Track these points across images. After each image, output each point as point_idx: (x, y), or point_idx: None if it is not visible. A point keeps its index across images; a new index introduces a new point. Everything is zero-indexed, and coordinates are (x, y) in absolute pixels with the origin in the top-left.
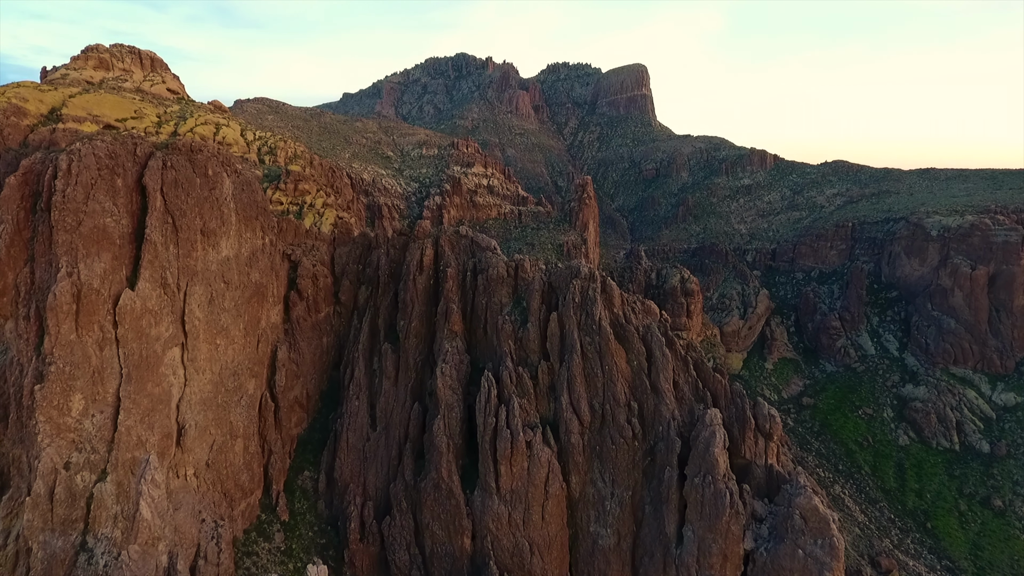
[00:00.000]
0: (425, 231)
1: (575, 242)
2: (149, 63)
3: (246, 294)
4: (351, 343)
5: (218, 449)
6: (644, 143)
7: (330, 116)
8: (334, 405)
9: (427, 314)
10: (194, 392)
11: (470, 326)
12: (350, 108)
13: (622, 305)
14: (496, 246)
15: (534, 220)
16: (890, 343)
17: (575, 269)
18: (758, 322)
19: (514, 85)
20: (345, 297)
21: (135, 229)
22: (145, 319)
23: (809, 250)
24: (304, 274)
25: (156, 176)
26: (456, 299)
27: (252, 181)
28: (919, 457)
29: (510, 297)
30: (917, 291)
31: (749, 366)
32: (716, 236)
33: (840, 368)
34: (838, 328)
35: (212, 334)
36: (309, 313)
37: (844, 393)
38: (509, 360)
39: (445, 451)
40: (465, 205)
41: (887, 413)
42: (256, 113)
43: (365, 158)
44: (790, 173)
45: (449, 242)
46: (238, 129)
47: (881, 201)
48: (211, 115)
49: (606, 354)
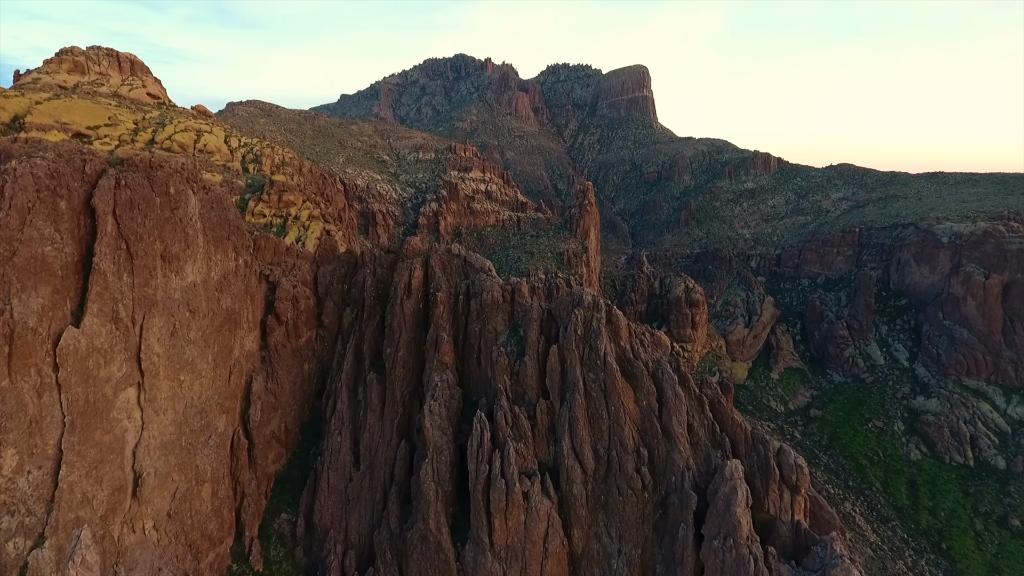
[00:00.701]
0: (414, 249)
1: (576, 250)
2: (128, 66)
3: (216, 322)
4: (334, 371)
5: (182, 497)
6: (645, 145)
7: (324, 119)
8: (316, 438)
9: (416, 341)
10: (153, 436)
11: (462, 355)
12: (347, 110)
13: (629, 338)
14: (491, 267)
15: (533, 227)
16: (900, 353)
17: (577, 297)
18: (763, 330)
19: (513, 86)
20: (329, 320)
21: (82, 257)
22: (92, 359)
23: (815, 256)
24: (283, 296)
25: (107, 197)
26: (447, 326)
27: (223, 198)
28: (932, 473)
29: (506, 324)
30: (927, 299)
31: (754, 376)
32: (719, 241)
33: (848, 378)
34: (846, 337)
35: (175, 369)
36: (289, 339)
37: (853, 405)
38: (504, 398)
39: (433, 500)
40: (462, 212)
41: (898, 426)
42: (248, 116)
43: (360, 162)
44: (794, 177)
45: (440, 262)
46: (222, 136)
47: (888, 206)
48: (193, 121)
49: (612, 393)
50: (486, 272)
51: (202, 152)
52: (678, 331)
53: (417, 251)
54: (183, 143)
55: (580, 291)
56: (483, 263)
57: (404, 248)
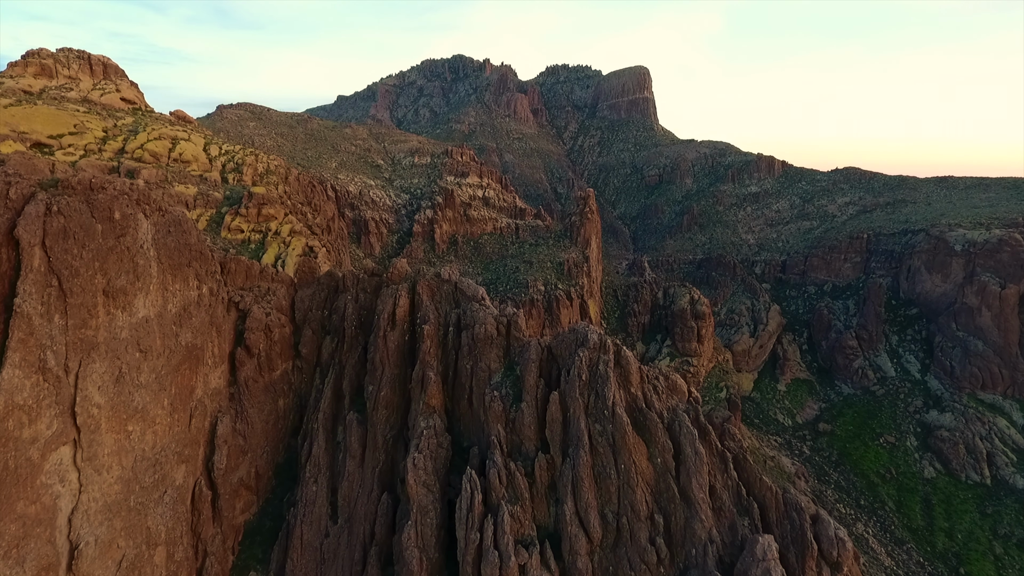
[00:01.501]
0: (400, 273)
1: (576, 260)
2: (101, 69)
3: (173, 360)
4: (311, 409)
5: (130, 565)
6: (646, 148)
7: (317, 122)
8: (291, 483)
9: (400, 378)
10: (94, 499)
11: (452, 393)
12: (344, 111)
13: (641, 384)
14: (484, 295)
15: (532, 235)
16: (911, 364)
17: (581, 335)
18: (769, 340)
19: (512, 88)
20: (307, 350)
21: (4, 298)
22: (13, 418)
23: (822, 262)
24: (254, 326)
25: (34, 226)
26: (435, 363)
27: (182, 220)
28: (947, 492)
29: (500, 361)
30: (940, 309)
31: (760, 387)
32: (723, 246)
33: (858, 391)
34: (855, 347)
35: (120, 420)
36: (261, 373)
37: (863, 419)
38: (498, 452)
39: (417, 568)
40: (458, 219)
41: (910, 442)
42: (237, 120)
43: (353, 167)
44: (799, 180)
45: (428, 289)
46: (201, 143)
47: (897, 211)
48: (168, 128)
49: (621, 449)
50: (479, 301)
51: (177, 162)
52: (683, 344)
53: (403, 275)
54: (156, 152)
55: (584, 328)
56: (475, 291)
57: (389, 271)
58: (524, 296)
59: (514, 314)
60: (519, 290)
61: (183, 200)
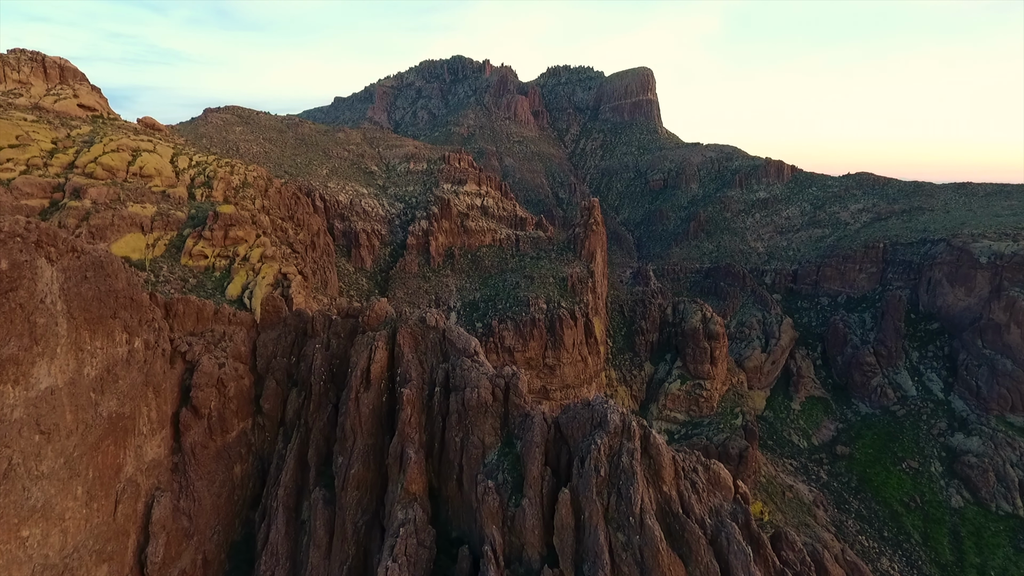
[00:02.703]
0: (378, 316)
1: (580, 275)
2: (57, 73)
3: (91, 437)
4: (271, 481)
5: None
6: (650, 151)
7: (309, 126)
8: (248, 566)
9: (376, 450)
10: None
11: (438, 470)
12: (341, 113)
13: (676, 480)
14: (477, 348)
15: (534, 247)
16: (933, 383)
17: (599, 413)
18: (782, 355)
19: (512, 89)
20: (270, 405)
21: None
22: None
23: (835, 272)
24: (204, 381)
25: None
26: (417, 436)
27: (105, 261)
28: (977, 523)
29: (497, 434)
30: (963, 324)
31: (773, 406)
32: (731, 255)
33: (877, 410)
34: (873, 364)
35: (10, 526)
36: (212, 436)
37: (884, 441)
38: (493, 566)
39: None
40: (455, 231)
41: (935, 467)
42: (222, 125)
43: (345, 174)
44: (809, 186)
45: (410, 338)
46: (168, 154)
47: (913, 219)
48: (130, 138)
49: (652, 570)
50: (471, 356)
51: (137, 176)
52: (695, 366)
53: (382, 318)
54: (112, 166)
55: (602, 405)
56: (467, 342)
57: (365, 314)
58: (525, 315)
59: (514, 375)
60: (519, 308)
61: (137, 222)
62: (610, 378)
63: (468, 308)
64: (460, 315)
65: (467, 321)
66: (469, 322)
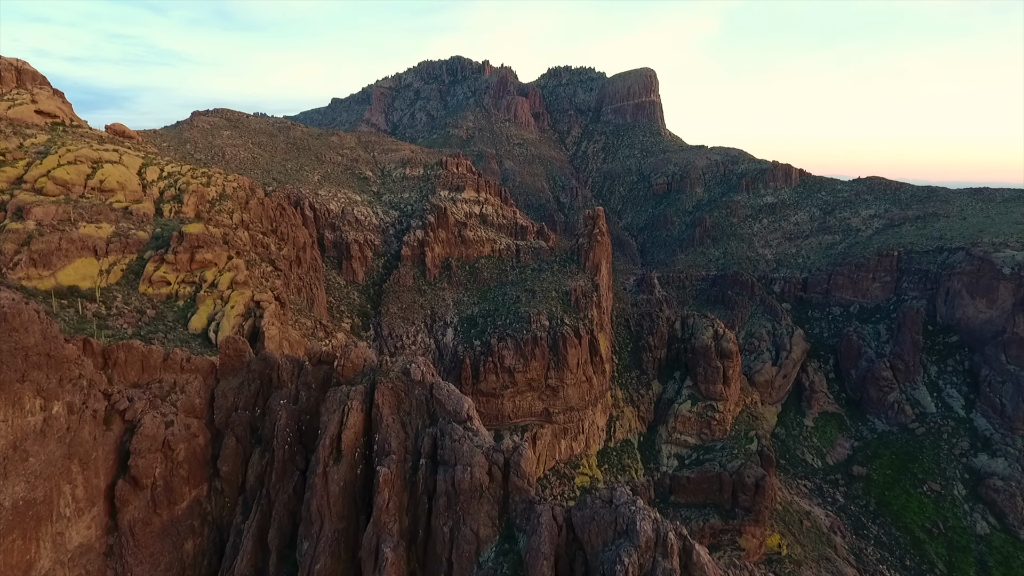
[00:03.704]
0: (355, 366)
1: (585, 288)
2: (13, 75)
3: None
4: (227, 563)
5: None
6: (654, 154)
7: (302, 129)
8: None
9: (347, 537)
10: None
11: (423, 562)
12: (338, 114)
13: None
14: (471, 410)
15: (535, 258)
16: (953, 399)
17: (625, 517)
18: (793, 369)
19: (512, 91)
20: (229, 467)
21: None
22: None
23: (847, 281)
24: (145, 446)
25: None
26: (396, 526)
27: (12, 313)
28: (1005, 552)
29: (494, 525)
30: (984, 338)
31: (785, 422)
32: (738, 262)
33: (894, 428)
34: (889, 379)
35: None
36: (156, 510)
37: (902, 462)
38: None
39: None
40: (452, 241)
41: (958, 490)
42: (209, 129)
43: (338, 180)
44: (818, 190)
45: (391, 397)
46: (136, 164)
47: (928, 226)
48: (92, 148)
49: None
50: (463, 421)
51: (96, 191)
52: (707, 387)
53: (359, 368)
54: (67, 180)
55: (628, 504)
56: (458, 403)
57: (339, 361)
58: (526, 332)
59: (515, 450)
60: (520, 325)
61: (89, 245)
62: (616, 398)
63: (466, 324)
64: (457, 331)
65: (465, 338)
66: (467, 339)
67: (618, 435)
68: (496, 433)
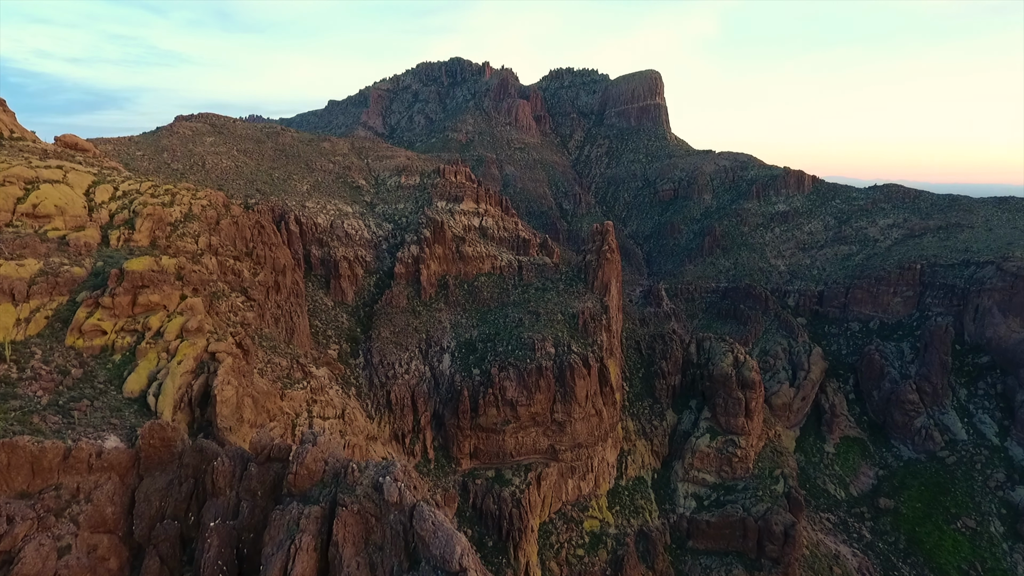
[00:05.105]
0: (311, 474)
1: (593, 311)
2: None
3: None
4: None
5: None
6: (659, 159)
7: (292, 135)
8: None
9: None
10: None
11: None
12: (335, 117)
13: None
14: (465, 554)
15: (539, 276)
16: (986, 426)
17: None
18: (812, 390)
19: (513, 93)
20: None
21: None
22: None
23: (866, 295)
24: None
25: None
26: None
27: None
28: None
29: None
30: (1019, 359)
31: (803, 448)
32: (750, 273)
33: (922, 455)
34: (916, 402)
35: None
36: None
37: (933, 494)
38: None
39: None
40: (450, 257)
41: (995, 527)
42: (191, 135)
43: (328, 190)
44: (833, 198)
45: (357, 525)
46: (84, 184)
47: (951, 237)
48: (29, 166)
49: None
50: (454, 572)
51: (29, 217)
52: (726, 420)
53: (316, 477)
54: None
55: None
56: (447, 543)
57: (293, 470)
58: (530, 361)
59: None
60: (523, 352)
61: (6, 288)
62: (627, 430)
63: (464, 349)
64: (455, 357)
65: (463, 366)
66: (465, 367)
67: (630, 472)
68: (497, 472)
